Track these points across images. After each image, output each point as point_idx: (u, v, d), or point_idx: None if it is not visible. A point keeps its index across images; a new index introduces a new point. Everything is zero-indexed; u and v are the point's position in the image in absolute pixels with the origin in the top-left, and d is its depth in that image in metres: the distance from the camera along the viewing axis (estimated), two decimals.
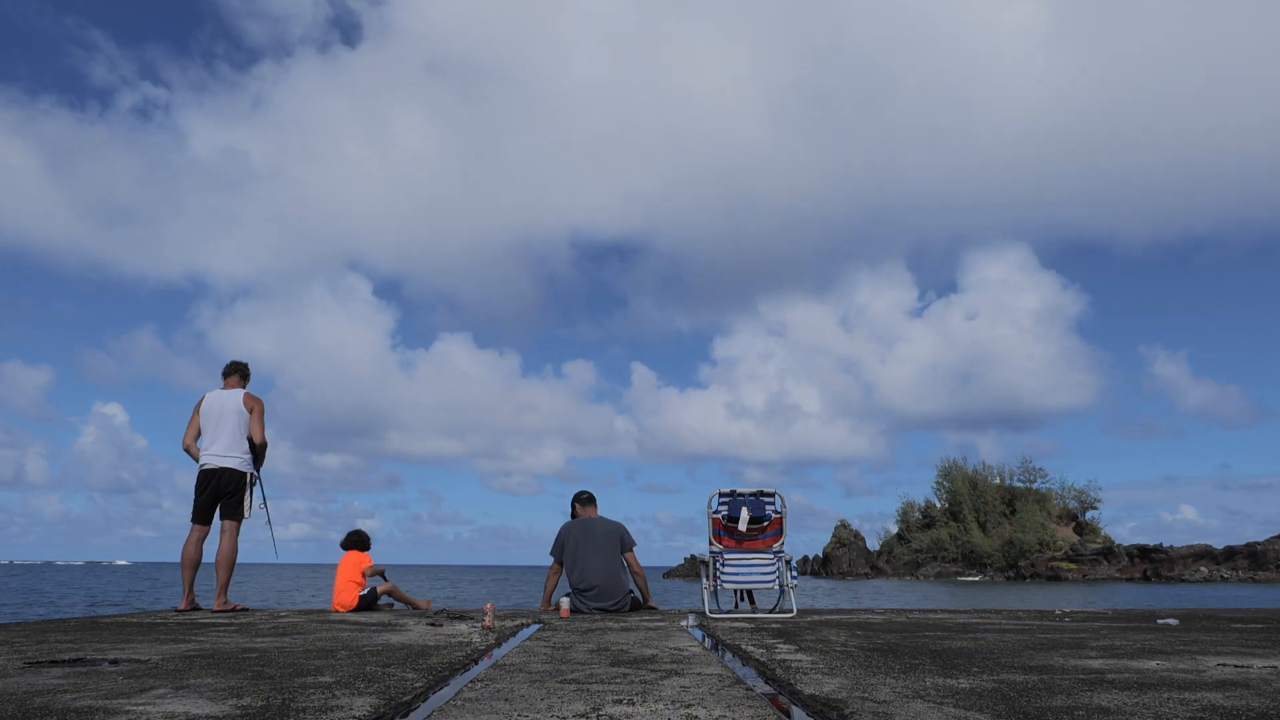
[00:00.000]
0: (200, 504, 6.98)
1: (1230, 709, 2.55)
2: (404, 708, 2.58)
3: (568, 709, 2.52)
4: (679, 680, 3.12)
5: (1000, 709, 2.55)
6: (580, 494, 7.55)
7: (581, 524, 7.21)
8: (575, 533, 7.14)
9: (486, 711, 2.48)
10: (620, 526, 7.22)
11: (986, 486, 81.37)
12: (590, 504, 7.47)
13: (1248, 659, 3.85)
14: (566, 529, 7.22)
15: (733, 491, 6.97)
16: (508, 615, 6.76)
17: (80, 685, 2.90)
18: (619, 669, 3.43)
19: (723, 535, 6.89)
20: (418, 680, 3.07)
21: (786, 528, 6.97)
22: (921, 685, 3.00)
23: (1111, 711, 2.50)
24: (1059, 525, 77.64)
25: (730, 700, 2.69)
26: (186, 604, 6.87)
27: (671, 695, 2.77)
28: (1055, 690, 2.90)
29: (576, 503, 7.50)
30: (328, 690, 2.82)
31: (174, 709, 2.47)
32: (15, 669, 3.34)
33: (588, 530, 7.13)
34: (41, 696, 2.67)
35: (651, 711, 2.49)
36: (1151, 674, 3.32)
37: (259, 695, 2.71)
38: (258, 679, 3.06)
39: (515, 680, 3.09)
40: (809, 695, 2.81)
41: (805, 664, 3.62)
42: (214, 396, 7.19)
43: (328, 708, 2.50)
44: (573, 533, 7.16)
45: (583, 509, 7.43)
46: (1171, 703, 2.66)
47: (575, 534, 7.13)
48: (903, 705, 2.60)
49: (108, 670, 3.31)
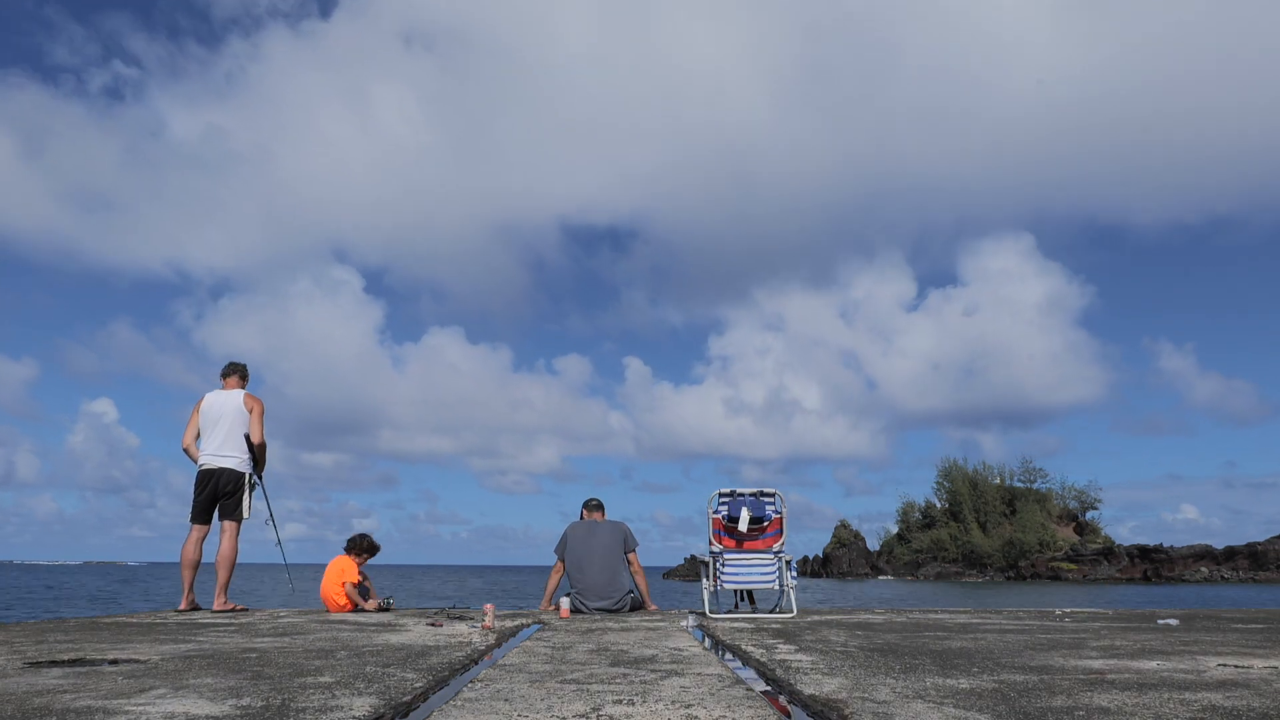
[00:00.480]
0: (199, 504, 6.98)
1: (1231, 709, 2.55)
2: (404, 708, 2.58)
3: (568, 709, 2.51)
4: (679, 680, 3.12)
5: (1000, 709, 2.54)
6: (589, 500, 7.72)
7: (586, 524, 7.30)
8: (579, 532, 7.19)
9: (486, 712, 2.47)
10: (623, 527, 7.27)
11: (987, 487, 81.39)
12: (598, 510, 7.63)
13: (1248, 659, 3.84)
14: (571, 529, 7.29)
15: (733, 492, 6.97)
16: (507, 615, 6.76)
17: (80, 685, 2.90)
18: (619, 669, 3.43)
19: (723, 535, 6.89)
20: (417, 680, 3.07)
21: (786, 528, 6.97)
22: (921, 685, 3.00)
23: (1112, 712, 2.50)
24: (1059, 525, 77.64)
25: (730, 700, 2.69)
26: (186, 604, 6.87)
27: (671, 695, 2.77)
28: (1055, 690, 2.89)
29: (585, 508, 7.66)
30: (327, 690, 2.82)
31: (174, 709, 2.47)
32: (15, 669, 3.34)
33: (592, 530, 7.19)
34: (41, 697, 2.67)
35: (651, 712, 2.49)
36: (1152, 674, 3.32)
37: (259, 695, 2.71)
38: (257, 679, 3.05)
39: (515, 680, 3.09)
40: (809, 695, 2.81)
41: (805, 664, 3.61)
42: (213, 397, 7.19)
43: (327, 708, 2.50)
44: (577, 532, 7.21)
45: (589, 514, 7.56)
46: (1172, 703, 2.65)
47: (579, 533, 7.18)
48: (903, 705, 2.60)
49: (107, 670, 3.31)
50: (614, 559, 7.10)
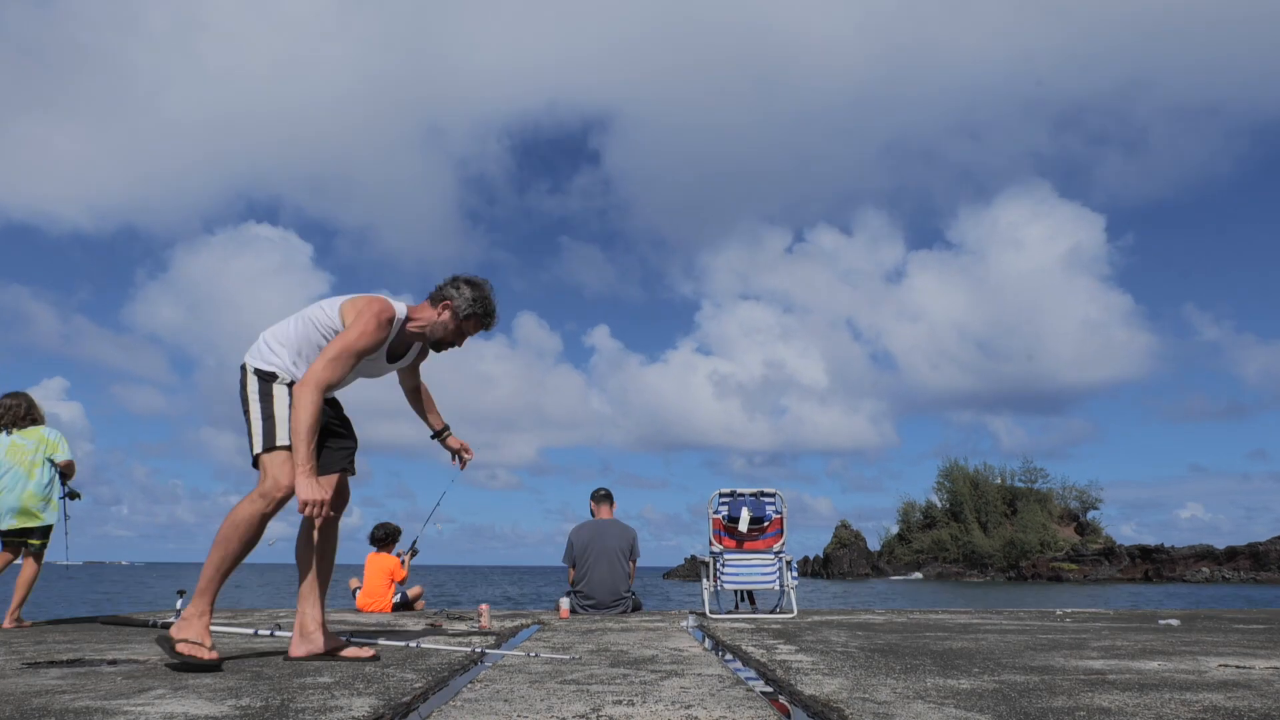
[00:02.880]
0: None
1: (1232, 710, 2.54)
2: (403, 708, 2.58)
3: (568, 709, 2.51)
4: (679, 681, 3.11)
5: (1001, 710, 2.54)
6: (597, 491, 7.57)
7: (594, 527, 7.19)
8: (587, 535, 7.13)
9: (486, 712, 2.47)
10: (631, 534, 7.22)
11: (988, 487, 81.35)
12: (606, 500, 7.52)
13: (1249, 659, 3.84)
14: (577, 533, 7.19)
15: (733, 492, 6.97)
16: (507, 615, 6.75)
17: (79, 686, 2.90)
18: (619, 669, 3.42)
19: (723, 536, 6.88)
20: (417, 681, 3.06)
21: (787, 528, 6.97)
22: (922, 686, 2.99)
23: (1113, 712, 2.49)
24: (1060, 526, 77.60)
25: (730, 701, 2.68)
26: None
27: (671, 696, 2.76)
28: (1056, 691, 2.89)
29: (593, 500, 7.55)
30: (326, 690, 2.81)
31: (173, 709, 2.46)
32: (14, 669, 3.33)
33: (600, 534, 7.12)
34: (40, 697, 2.66)
35: (651, 712, 2.48)
36: (1153, 674, 3.31)
37: (258, 695, 2.70)
38: (257, 679, 3.05)
39: (515, 681, 3.08)
40: (809, 696, 2.81)
41: (805, 665, 3.61)
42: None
43: (327, 708, 2.49)
44: (582, 534, 7.15)
45: (598, 507, 7.46)
46: (1173, 703, 2.64)
47: (587, 536, 7.12)
48: (903, 706, 2.59)
49: (106, 670, 3.31)
50: (619, 561, 7.10)
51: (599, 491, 7.57)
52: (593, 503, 7.52)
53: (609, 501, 7.51)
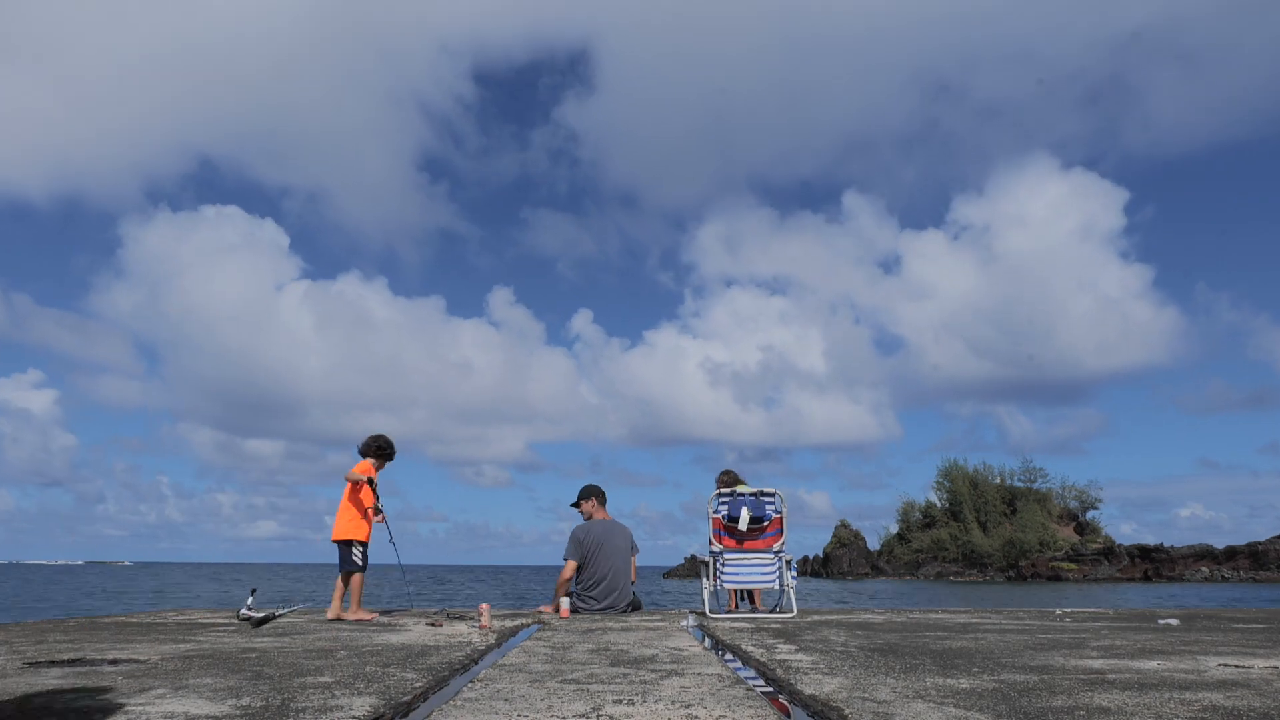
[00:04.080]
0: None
1: (1231, 709, 2.54)
2: (404, 708, 2.58)
3: (568, 709, 2.51)
4: (679, 680, 3.11)
5: (1001, 709, 2.54)
6: (596, 490, 7.46)
7: (604, 528, 7.17)
8: (598, 536, 7.09)
9: (486, 712, 2.47)
10: (630, 531, 7.27)
11: (987, 486, 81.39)
12: (604, 502, 7.45)
13: (1249, 659, 3.84)
14: (585, 532, 7.12)
15: (733, 491, 6.97)
16: (507, 615, 6.75)
17: (80, 685, 2.90)
18: (619, 669, 3.43)
19: (723, 535, 6.89)
20: (417, 680, 3.07)
21: (787, 528, 6.97)
22: (922, 685, 3.00)
23: (1112, 712, 2.50)
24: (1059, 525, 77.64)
25: (730, 700, 2.68)
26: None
27: (671, 695, 2.77)
28: (1056, 690, 2.89)
29: (585, 499, 7.41)
30: (327, 690, 2.81)
31: (174, 709, 2.46)
32: (15, 669, 3.34)
33: (609, 535, 7.11)
34: (41, 697, 2.66)
35: (651, 711, 2.48)
36: (1152, 674, 3.32)
37: (258, 695, 2.70)
38: (257, 679, 3.05)
39: (515, 680, 3.09)
40: (809, 695, 2.81)
41: (805, 664, 3.61)
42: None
43: (327, 708, 2.50)
44: (594, 533, 7.11)
45: (597, 509, 7.39)
46: (1172, 703, 2.65)
47: (597, 537, 7.08)
48: (903, 705, 2.60)
49: (107, 670, 3.31)
50: (627, 560, 7.14)
51: (596, 490, 7.48)
52: (591, 503, 7.42)
53: (604, 502, 7.46)
